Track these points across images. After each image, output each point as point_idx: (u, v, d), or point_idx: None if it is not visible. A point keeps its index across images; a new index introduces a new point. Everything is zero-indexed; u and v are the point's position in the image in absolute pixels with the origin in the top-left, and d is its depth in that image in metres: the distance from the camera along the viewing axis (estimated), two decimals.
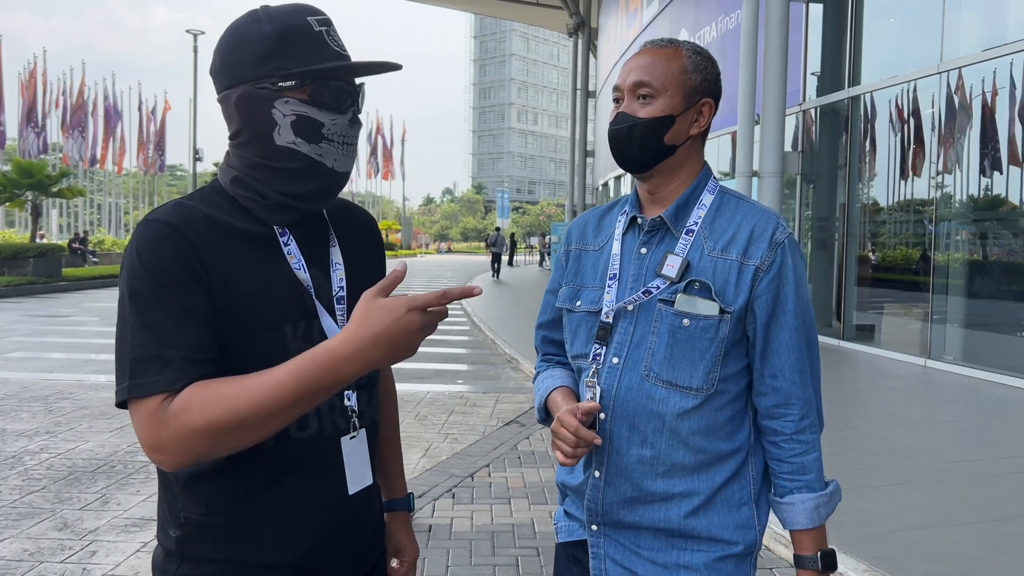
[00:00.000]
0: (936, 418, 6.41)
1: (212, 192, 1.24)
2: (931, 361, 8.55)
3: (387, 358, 1.07)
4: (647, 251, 1.46)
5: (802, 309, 1.42)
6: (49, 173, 22.51)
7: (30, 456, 5.25)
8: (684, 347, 1.39)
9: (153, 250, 1.11)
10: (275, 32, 1.16)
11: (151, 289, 1.09)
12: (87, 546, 3.76)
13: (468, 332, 12.50)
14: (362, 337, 1.05)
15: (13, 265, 19.67)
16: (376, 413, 1.36)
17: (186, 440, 1.05)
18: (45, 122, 36.28)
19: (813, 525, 1.41)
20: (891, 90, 9.65)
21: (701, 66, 1.46)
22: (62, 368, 8.63)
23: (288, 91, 1.17)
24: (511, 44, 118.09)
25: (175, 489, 1.22)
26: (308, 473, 1.22)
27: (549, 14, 30.57)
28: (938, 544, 3.59)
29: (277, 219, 1.22)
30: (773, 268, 1.40)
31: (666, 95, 1.43)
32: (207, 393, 1.06)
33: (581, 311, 1.51)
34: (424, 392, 7.62)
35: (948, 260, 8.86)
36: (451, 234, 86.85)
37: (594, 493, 1.46)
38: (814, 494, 1.41)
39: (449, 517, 4.23)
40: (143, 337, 1.08)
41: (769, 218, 1.44)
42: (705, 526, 1.41)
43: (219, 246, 1.16)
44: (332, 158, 1.20)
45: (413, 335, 1.06)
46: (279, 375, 1.06)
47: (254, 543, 1.20)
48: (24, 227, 34.99)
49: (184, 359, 1.08)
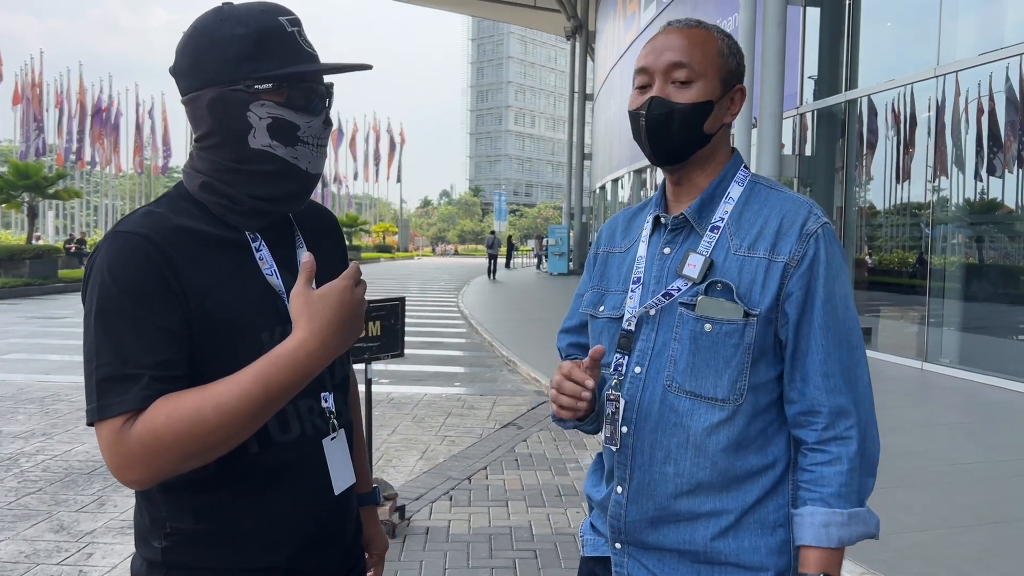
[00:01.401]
0: (933, 421, 6.42)
1: (180, 198, 1.21)
2: (928, 364, 8.56)
3: (346, 342, 1.10)
4: (670, 251, 1.36)
5: (833, 306, 1.27)
6: (46, 175, 22.52)
7: (26, 458, 5.24)
8: (707, 354, 1.28)
9: (124, 264, 1.09)
10: (250, 34, 1.14)
11: (120, 306, 1.07)
12: (83, 548, 3.75)
13: (465, 334, 12.49)
14: (319, 330, 1.07)
15: (9, 267, 19.63)
16: (350, 412, 1.38)
17: (153, 458, 1.04)
18: (42, 124, 36.24)
19: (818, 544, 1.25)
20: (888, 94, 9.67)
21: (734, 50, 1.37)
22: (58, 370, 8.61)
23: (264, 94, 1.15)
24: (509, 47, 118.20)
25: (157, 500, 1.19)
26: (293, 476, 1.21)
27: (547, 17, 30.61)
28: (935, 547, 3.59)
29: (248, 224, 1.21)
30: (804, 262, 1.27)
31: (705, 79, 1.32)
32: (170, 408, 1.04)
33: (604, 316, 1.43)
34: (421, 394, 7.61)
35: (944, 263, 8.88)
36: (448, 236, 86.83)
37: (616, 510, 1.37)
38: (827, 509, 1.25)
39: (446, 519, 4.23)
40: (109, 356, 1.06)
41: (800, 207, 1.31)
42: (734, 550, 1.30)
43: (193, 256, 1.14)
44: (307, 160, 1.20)
45: (361, 309, 1.11)
46: (244, 383, 1.04)
47: (243, 548, 1.19)
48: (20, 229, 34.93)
49: (152, 378, 1.06)
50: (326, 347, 1.08)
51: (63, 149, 38.15)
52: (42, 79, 37.01)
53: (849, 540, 1.26)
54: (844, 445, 1.27)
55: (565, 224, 29.51)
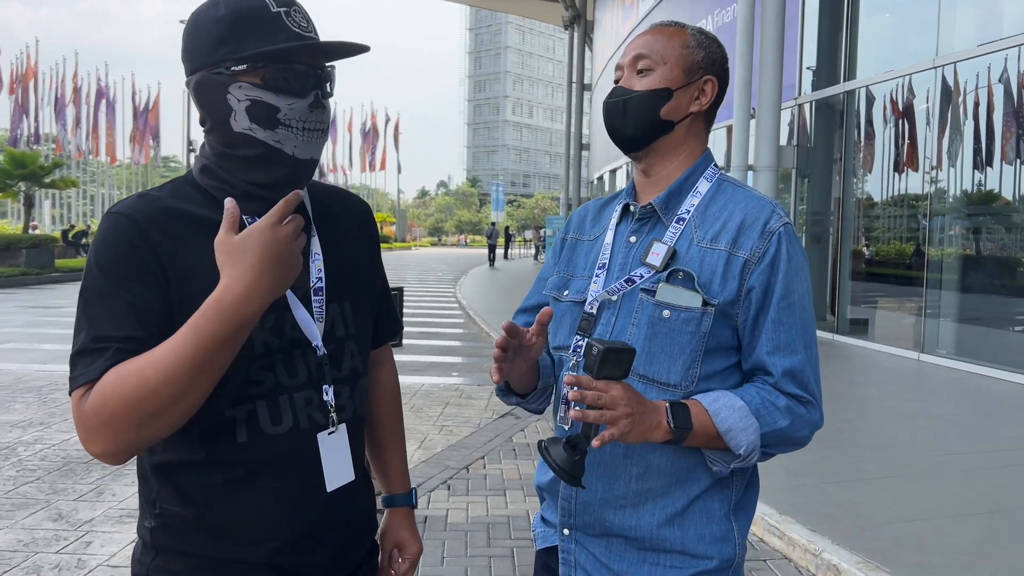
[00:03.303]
0: (929, 411, 6.45)
1: (184, 183, 1.22)
2: (924, 355, 8.59)
3: (277, 285, 1.04)
4: (636, 239, 1.40)
5: (790, 303, 1.30)
6: (42, 164, 22.44)
7: (24, 447, 5.24)
8: (663, 340, 1.31)
9: (105, 244, 1.12)
10: (229, 15, 1.13)
11: (98, 284, 1.10)
12: (82, 536, 3.76)
13: (463, 324, 12.50)
14: (242, 273, 1.02)
15: (6, 256, 19.59)
16: (361, 407, 1.32)
17: (107, 425, 1.03)
18: (38, 112, 36.09)
19: (704, 401, 1.28)
20: (886, 84, 9.66)
21: (704, 44, 1.40)
22: (56, 359, 8.60)
23: (241, 75, 1.13)
24: (506, 37, 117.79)
25: (151, 479, 1.20)
26: (283, 469, 1.19)
27: (545, 7, 30.49)
28: (930, 536, 3.62)
29: (246, 208, 1.19)
30: (765, 259, 1.30)
31: (664, 67, 1.37)
32: (117, 373, 1.04)
33: (567, 300, 1.45)
34: (419, 384, 7.62)
35: (942, 255, 8.90)
36: (446, 227, 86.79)
37: (567, 492, 1.39)
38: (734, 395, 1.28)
39: (444, 509, 4.24)
40: (85, 331, 1.09)
41: (763, 206, 1.35)
42: (679, 538, 1.33)
43: (180, 237, 1.14)
44: (291, 144, 1.16)
45: (286, 250, 1.04)
46: (178, 338, 1.03)
47: (227, 538, 1.18)
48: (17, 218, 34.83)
49: (118, 350, 1.07)
50: (253, 289, 1.02)
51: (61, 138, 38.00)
52: (37, 68, 36.84)
53: (723, 419, 1.26)
54: (781, 397, 1.30)
55: (563, 215, 29.51)
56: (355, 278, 1.32)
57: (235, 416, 1.16)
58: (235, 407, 1.16)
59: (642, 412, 1.21)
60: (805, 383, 1.31)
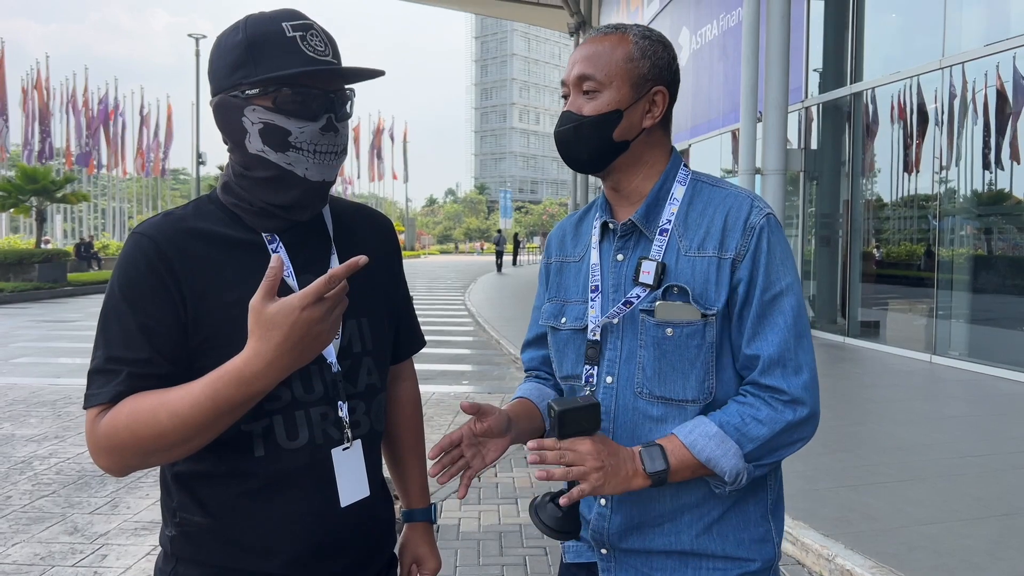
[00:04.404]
0: (942, 413, 6.41)
1: (207, 201, 1.25)
2: (936, 357, 8.55)
3: (298, 361, 1.06)
4: (623, 258, 1.37)
5: (774, 294, 1.27)
6: (54, 179, 22.61)
7: (39, 461, 5.28)
8: (672, 358, 1.29)
9: (124, 264, 1.16)
10: (245, 39, 1.15)
11: (116, 305, 1.14)
12: (98, 550, 3.79)
13: (472, 332, 12.52)
14: (266, 351, 1.04)
15: (19, 271, 19.76)
16: (378, 422, 1.33)
17: (116, 451, 1.09)
18: (49, 127, 36.41)
19: (679, 433, 1.25)
20: (893, 86, 9.64)
21: (649, 51, 1.33)
22: (69, 373, 8.67)
23: (255, 99, 1.16)
24: (512, 44, 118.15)
25: (172, 489, 1.24)
26: (298, 483, 1.21)
27: (550, 14, 30.55)
28: (945, 539, 3.60)
29: (264, 225, 1.22)
30: (748, 253, 1.28)
31: (611, 87, 1.31)
32: (132, 406, 1.09)
33: (567, 329, 1.42)
34: (429, 393, 7.64)
35: (952, 255, 8.85)
36: (454, 235, 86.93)
37: (600, 523, 1.37)
38: (705, 418, 1.26)
39: (456, 517, 4.25)
40: (99, 350, 1.14)
41: (742, 202, 1.31)
42: (719, 545, 1.32)
43: (199, 257, 1.17)
44: (303, 167, 1.17)
45: (315, 329, 1.05)
46: (195, 393, 1.06)
47: (241, 550, 1.20)
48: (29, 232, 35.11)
49: (129, 374, 1.11)
50: (271, 367, 1.05)
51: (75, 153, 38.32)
52: (48, 84, 37.18)
53: (700, 450, 1.23)
54: (765, 405, 1.25)
55: None
56: (374, 295, 1.34)
57: (252, 431, 1.18)
58: (252, 422, 1.18)
59: (615, 464, 1.21)
60: (786, 374, 1.25)
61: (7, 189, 21.98)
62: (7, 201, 21.99)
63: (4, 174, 32.99)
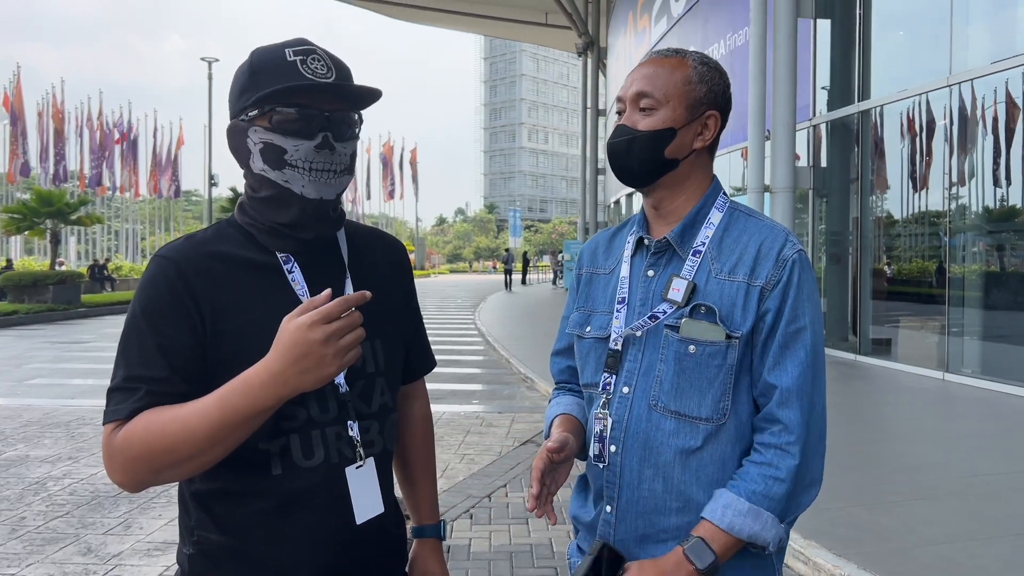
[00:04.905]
0: (955, 432, 6.37)
1: (227, 225, 1.29)
2: (949, 374, 8.49)
3: (301, 378, 1.08)
4: (654, 274, 1.40)
5: (798, 328, 1.32)
6: (68, 201, 22.86)
7: (53, 482, 5.32)
8: (691, 375, 1.32)
9: (146, 286, 1.20)
10: (250, 66, 1.22)
11: (136, 325, 1.18)
12: (111, 570, 3.81)
13: (483, 352, 12.52)
14: (271, 361, 1.07)
15: (33, 292, 19.93)
16: (390, 442, 1.35)
17: (130, 465, 1.12)
18: (64, 151, 36.87)
19: (711, 517, 1.28)
20: (901, 104, 9.67)
21: (707, 77, 1.40)
22: (83, 394, 8.73)
23: (256, 120, 1.21)
24: (521, 64, 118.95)
25: (190, 507, 1.26)
26: (315, 501, 1.23)
27: (559, 34, 30.83)
28: (958, 559, 3.57)
29: (277, 245, 1.26)
30: (779, 285, 1.32)
31: (668, 106, 1.37)
32: (146, 421, 1.12)
33: (590, 337, 1.46)
34: (440, 413, 7.65)
35: (964, 272, 8.83)
36: (464, 254, 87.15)
37: (605, 529, 1.39)
38: (734, 495, 1.29)
39: (467, 538, 4.25)
40: (121, 369, 1.17)
41: (777, 235, 1.36)
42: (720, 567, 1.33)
43: (219, 279, 1.21)
44: (299, 184, 1.21)
45: (316, 349, 1.06)
46: (206, 403, 1.10)
47: (260, 567, 1.22)
48: (43, 254, 35.46)
49: (147, 392, 1.14)
50: (274, 380, 1.07)
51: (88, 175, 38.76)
52: (64, 107, 37.69)
53: (740, 530, 1.27)
54: (782, 457, 1.30)
55: (580, 239, 29.54)
56: (387, 317, 1.36)
57: (269, 450, 1.21)
58: (269, 441, 1.21)
59: None
60: (791, 411, 1.30)
61: (22, 212, 22.25)
62: (22, 223, 22.25)
63: (19, 197, 33.41)
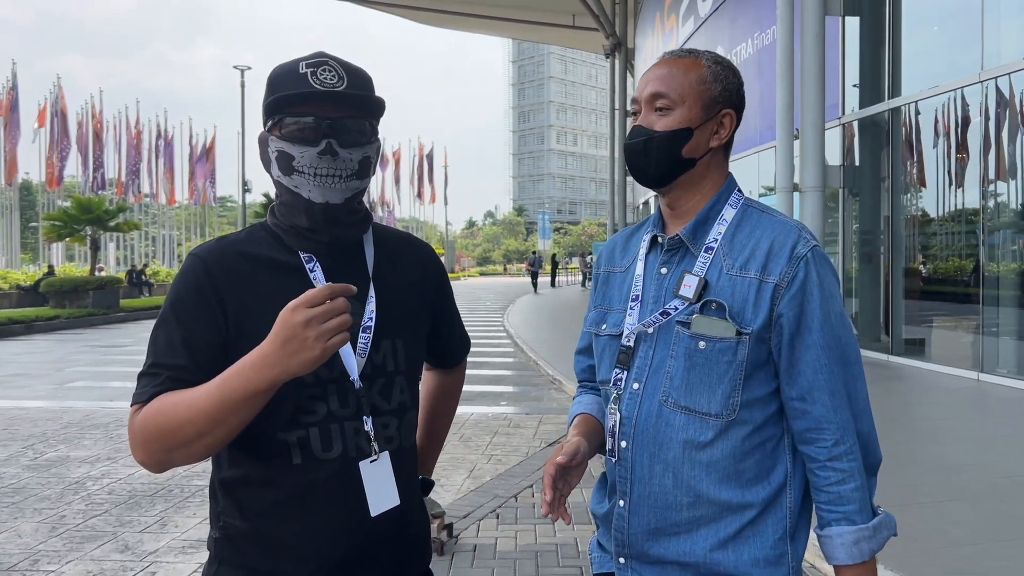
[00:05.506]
0: (989, 432, 6.26)
1: (259, 228, 1.38)
2: (984, 375, 8.34)
3: (288, 361, 1.12)
4: (667, 271, 1.41)
5: (831, 326, 1.32)
6: (107, 208, 23.37)
7: (92, 481, 5.48)
8: (701, 371, 1.33)
9: (178, 282, 1.30)
10: (269, 80, 1.31)
11: (165, 318, 1.27)
12: (147, 567, 3.92)
13: (511, 354, 12.57)
14: (264, 344, 1.14)
15: (74, 298, 20.42)
16: (407, 438, 1.40)
17: (146, 444, 1.20)
18: (102, 159, 37.76)
19: (853, 561, 1.31)
20: (932, 100, 9.52)
21: (721, 76, 1.40)
22: (122, 396, 8.93)
23: (272, 130, 1.30)
24: (549, 67, 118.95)
25: (217, 494, 1.34)
26: (331, 492, 1.29)
27: (586, 36, 30.78)
28: (985, 561, 3.53)
29: (300, 245, 1.33)
30: (795, 284, 1.31)
31: (684, 106, 1.37)
32: (161, 402, 1.20)
33: (605, 334, 1.47)
34: (468, 414, 7.70)
35: (1000, 271, 8.66)
36: (493, 256, 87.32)
37: (620, 523, 1.41)
38: (853, 527, 1.31)
39: (493, 537, 4.29)
40: (150, 357, 1.26)
41: (790, 231, 1.35)
42: (732, 561, 1.34)
43: (245, 277, 1.29)
44: (306, 189, 1.28)
45: (299, 332, 1.10)
46: (209, 385, 1.17)
47: (278, 553, 1.29)
48: (83, 261, 36.27)
49: (168, 377, 1.22)
50: (265, 362, 1.13)
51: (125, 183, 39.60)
52: (102, 116, 38.58)
53: (878, 549, 1.33)
54: (852, 460, 1.33)
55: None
56: (411, 318, 1.42)
57: (288, 440, 1.28)
58: (288, 431, 1.27)
59: None
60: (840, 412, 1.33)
61: (63, 219, 22.80)
62: (63, 230, 22.80)
63: (60, 204, 34.24)
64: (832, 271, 1.38)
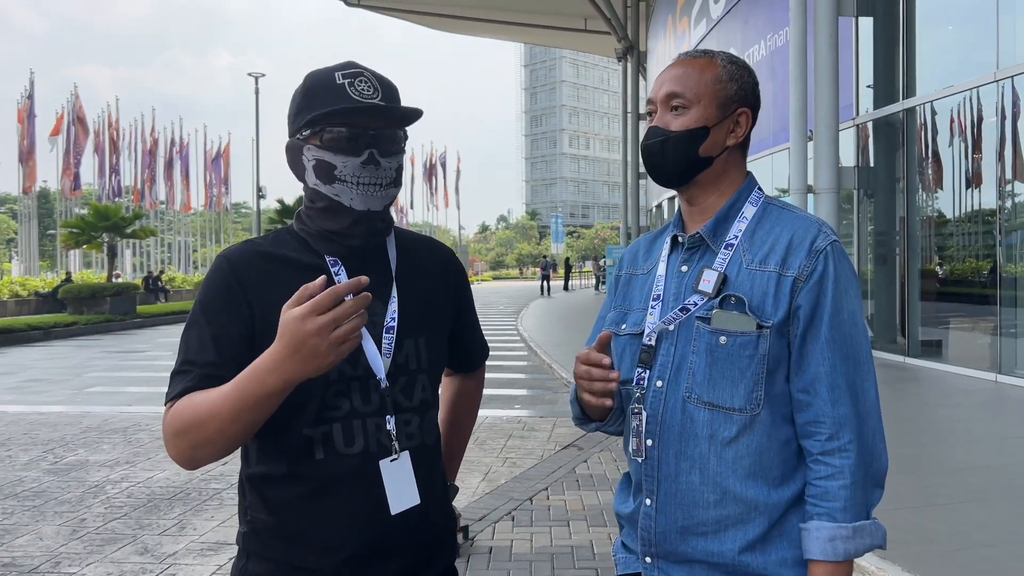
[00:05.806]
0: (1007, 434, 6.21)
1: (285, 232, 1.42)
2: (1002, 376, 8.27)
3: (301, 367, 1.13)
4: (688, 268, 1.41)
5: (840, 321, 1.31)
6: (123, 215, 23.62)
7: (112, 485, 5.54)
8: (723, 366, 1.32)
9: (207, 282, 1.34)
10: (304, 89, 1.34)
11: (195, 318, 1.31)
12: (166, 569, 3.96)
13: (526, 357, 12.59)
14: (274, 350, 1.15)
15: (91, 304, 20.63)
16: (429, 436, 1.42)
17: (175, 439, 1.24)
18: (119, 167, 38.15)
19: (825, 558, 1.28)
20: (947, 101, 9.46)
21: (736, 75, 1.41)
22: (139, 401, 9.03)
23: (309, 139, 1.32)
24: (561, 71, 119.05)
25: (245, 489, 1.38)
26: (353, 488, 1.31)
27: (598, 40, 30.78)
28: (1005, 562, 3.51)
29: (327, 248, 1.37)
30: (813, 277, 1.31)
31: (699, 105, 1.38)
32: (189, 400, 1.24)
33: (625, 334, 1.47)
34: (483, 417, 7.72)
35: (1017, 271, 8.59)
36: (507, 260, 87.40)
37: (646, 522, 1.40)
38: (832, 524, 1.28)
39: (509, 540, 4.31)
40: (181, 355, 1.30)
41: (810, 226, 1.36)
42: (761, 563, 1.32)
43: (270, 278, 1.33)
44: (348, 197, 1.31)
45: (310, 340, 1.11)
46: (229, 386, 1.20)
47: (302, 546, 1.32)
48: (100, 267, 36.63)
49: (198, 375, 1.26)
50: (278, 367, 1.14)
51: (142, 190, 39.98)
52: (118, 124, 38.98)
53: (856, 553, 1.29)
54: (845, 458, 1.30)
55: (623, 244, 29.40)
56: (433, 317, 1.45)
57: (312, 436, 1.31)
58: (313, 427, 1.31)
59: None
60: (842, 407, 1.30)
61: (80, 226, 23.08)
62: (81, 237, 23.06)
63: (77, 211, 34.61)
64: (850, 267, 1.37)
